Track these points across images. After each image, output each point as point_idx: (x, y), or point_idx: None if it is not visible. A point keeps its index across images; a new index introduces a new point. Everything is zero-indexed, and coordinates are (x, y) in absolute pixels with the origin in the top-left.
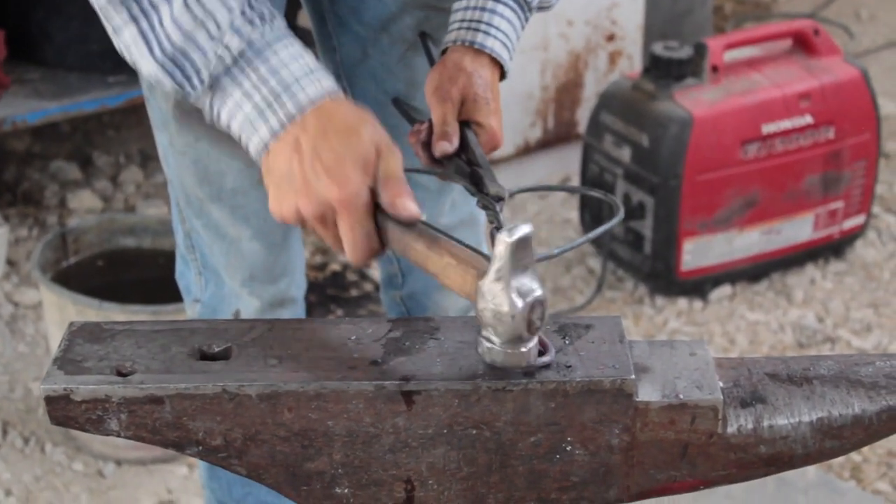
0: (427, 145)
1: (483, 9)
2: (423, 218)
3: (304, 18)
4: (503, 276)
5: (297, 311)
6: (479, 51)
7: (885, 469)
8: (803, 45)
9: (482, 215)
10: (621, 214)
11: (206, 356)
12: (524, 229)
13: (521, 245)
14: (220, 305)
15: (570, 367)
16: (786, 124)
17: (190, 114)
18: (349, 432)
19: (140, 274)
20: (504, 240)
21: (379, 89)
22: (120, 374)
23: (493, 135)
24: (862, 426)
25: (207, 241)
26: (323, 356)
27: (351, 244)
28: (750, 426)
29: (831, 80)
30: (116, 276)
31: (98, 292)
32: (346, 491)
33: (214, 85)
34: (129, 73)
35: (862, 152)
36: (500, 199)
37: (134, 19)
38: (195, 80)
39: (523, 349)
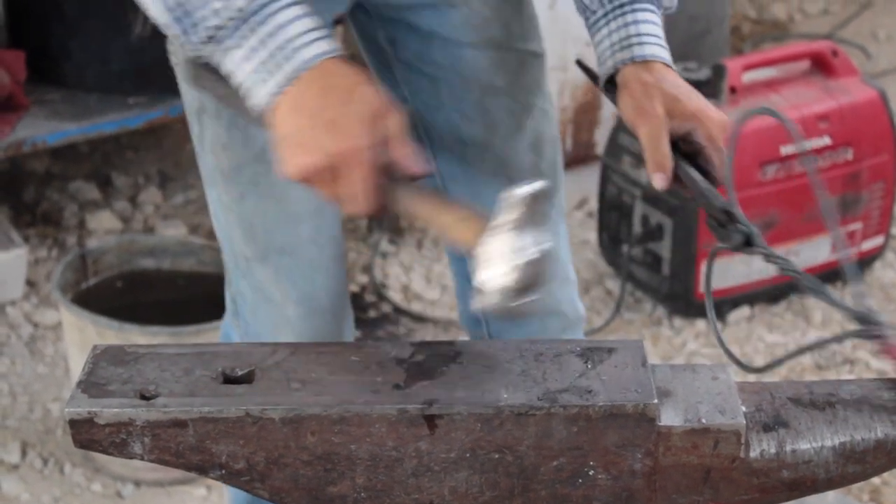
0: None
1: (625, 25)
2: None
3: None
4: (510, 224)
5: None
6: (644, 63)
7: None
8: (821, 65)
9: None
10: None
11: (229, 380)
12: (540, 183)
13: (541, 196)
14: None
15: (592, 391)
16: (804, 146)
17: (238, 168)
18: (372, 456)
19: (159, 295)
20: (522, 191)
21: (454, 137)
22: (143, 397)
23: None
24: (885, 451)
25: (252, 304)
26: (346, 380)
27: (355, 196)
28: (773, 451)
29: (849, 101)
30: (136, 298)
31: (117, 313)
32: None
33: (217, 39)
34: (148, 94)
35: (880, 173)
36: (750, 240)
37: None
38: (196, 33)
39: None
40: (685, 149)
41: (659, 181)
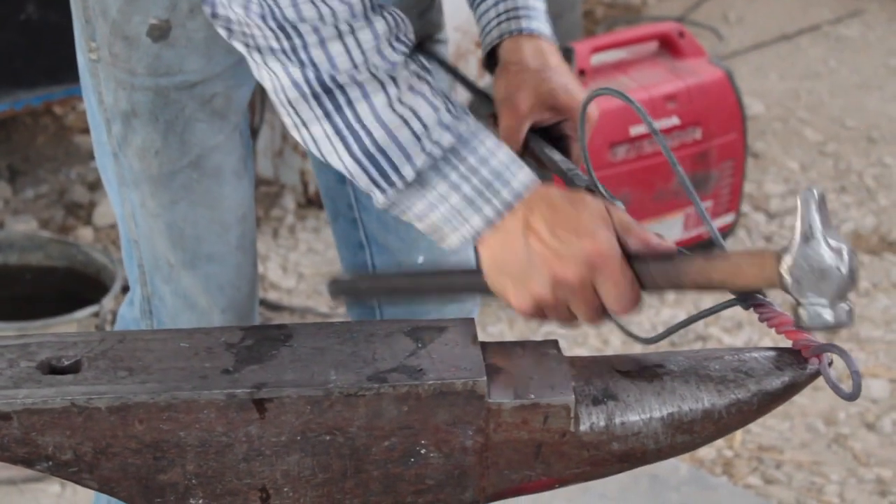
0: None
1: None
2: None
3: None
4: (817, 233)
5: None
6: (530, 37)
7: (756, 464)
8: (669, 47)
9: None
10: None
11: (54, 370)
12: (818, 190)
13: (823, 201)
14: None
15: (421, 370)
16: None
17: (170, 175)
18: (202, 442)
19: (6, 291)
20: (807, 198)
21: None
22: None
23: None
24: (712, 420)
25: (173, 310)
26: (174, 366)
27: (618, 296)
28: (602, 424)
29: (696, 82)
30: None
31: None
32: (200, 502)
33: (416, 180)
34: None
35: (729, 152)
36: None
37: (327, 116)
38: (393, 177)
39: (847, 304)
40: (552, 133)
41: None
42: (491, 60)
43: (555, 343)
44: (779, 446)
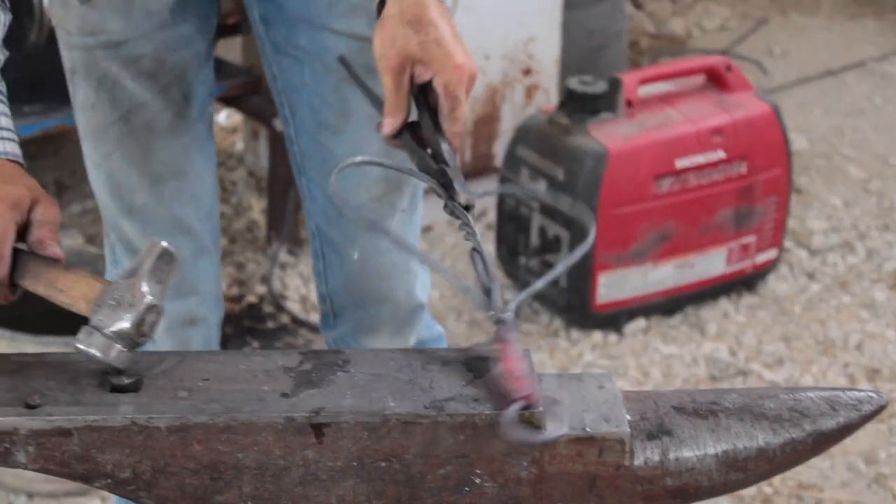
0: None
1: None
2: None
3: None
4: (138, 273)
5: (209, 332)
6: None
7: (795, 502)
8: (716, 80)
9: None
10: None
11: (115, 388)
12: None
13: (165, 256)
14: None
15: (478, 400)
16: (699, 159)
17: (104, 128)
18: (259, 465)
19: (53, 305)
20: (155, 245)
21: (313, 119)
22: (28, 406)
23: (451, 96)
24: (766, 458)
25: (121, 255)
26: (233, 388)
27: None
28: (656, 458)
29: (743, 116)
30: (28, 307)
31: (9, 323)
32: None
33: None
34: (44, 102)
35: (774, 187)
36: (469, 207)
37: None
38: None
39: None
40: (430, 99)
41: (386, 127)
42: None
43: (609, 376)
44: (819, 484)
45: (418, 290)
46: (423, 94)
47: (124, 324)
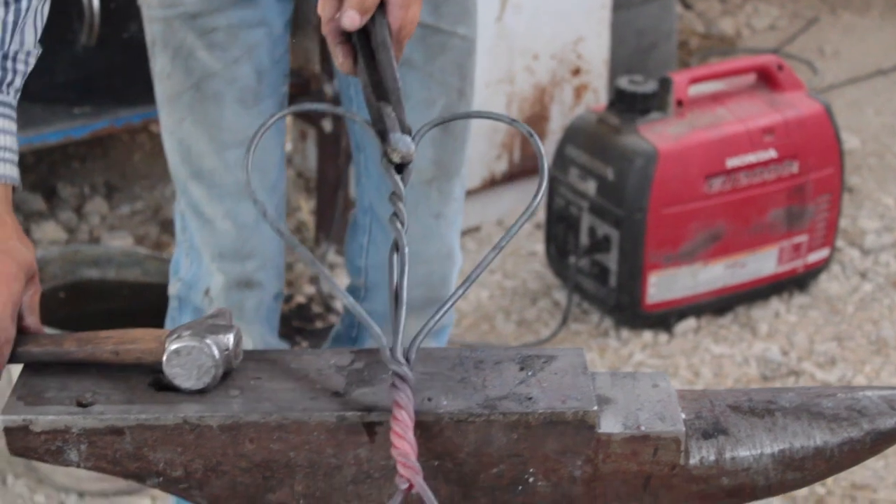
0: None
1: None
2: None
3: None
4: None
5: (264, 299)
6: None
7: (848, 502)
8: (767, 80)
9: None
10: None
11: (167, 387)
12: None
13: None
14: (196, 283)
15: (532, 398)
16: (750, 158)
17: (178, 96)
18: (311, 463)
19: (103, 305)
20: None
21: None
22: (80, 404)
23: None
24: (823, 458)
25: (189, 219)
26: (285, 387)
27: None
28: (712, 458)
29: (795, 115)
30: (80, 308)
31: (61, 324)
32: None
33: None
34: (94, 104)
35: (826, 186)
36: (402, 166)
37: None
38: None
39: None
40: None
41: (346, 19)
42: None
43: (664, 375)
44: (872, 485)
45: (453, 278)
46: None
47: (229, 340)
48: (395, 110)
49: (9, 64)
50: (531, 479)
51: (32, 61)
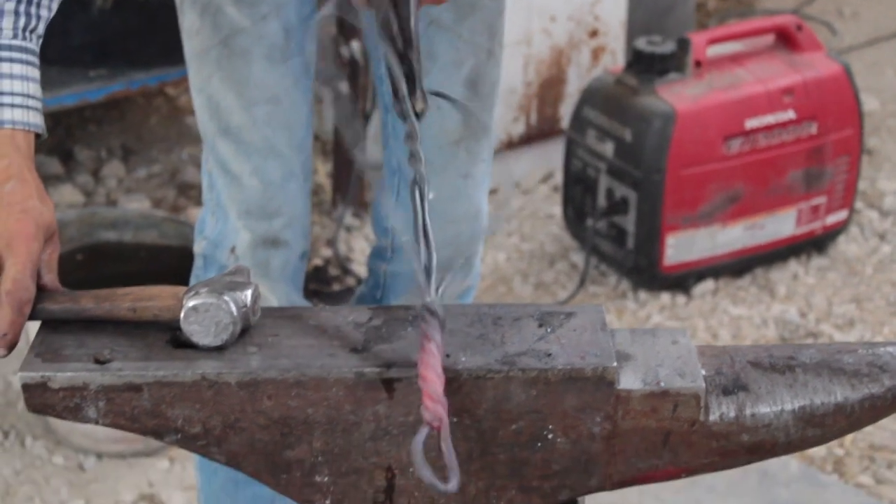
0: None
1: None
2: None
3: None
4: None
5: (290, 258)
6: None
7: (867, 463)
8: (786, 40)
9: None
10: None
11: (185, 344)
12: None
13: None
14: (221, 241)
15: (551, 354)
16: (769, 119)
17: (206, 52)
18: (329, 420)
19: (121, 268)
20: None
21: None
22: (98, 361)
23: None
24: (844, 414)
25: (216, 177)
26: (303, 344)
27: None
28: (732, 414)
29: (814, 76)
30: (97, 270)
31: (78, 286)
32: (325, 479)
33: None
34: (109, 67)
35: (845, 148)
36: (420, 115)
37: None
38: None
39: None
40: None
41: None
42: None
43: (683, 332)
44: (891, 446)
45: (481, 238)
46: None
47: (247, 297)
48: (409, 57)
49: (32, 9)
50: (550, 436)
51: (55, 6)
